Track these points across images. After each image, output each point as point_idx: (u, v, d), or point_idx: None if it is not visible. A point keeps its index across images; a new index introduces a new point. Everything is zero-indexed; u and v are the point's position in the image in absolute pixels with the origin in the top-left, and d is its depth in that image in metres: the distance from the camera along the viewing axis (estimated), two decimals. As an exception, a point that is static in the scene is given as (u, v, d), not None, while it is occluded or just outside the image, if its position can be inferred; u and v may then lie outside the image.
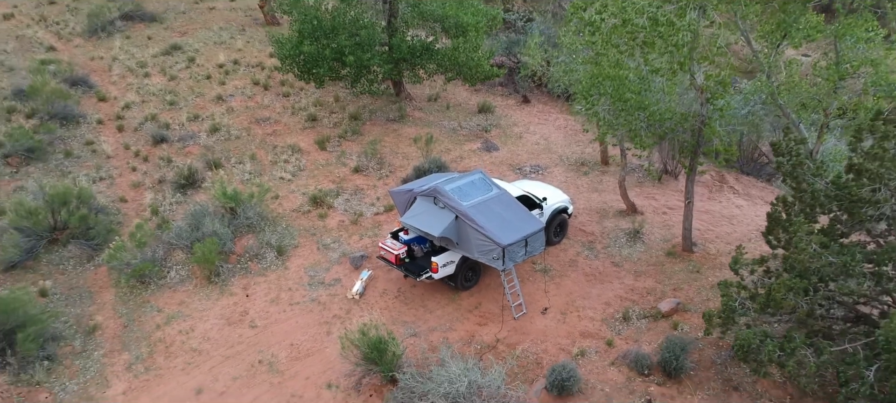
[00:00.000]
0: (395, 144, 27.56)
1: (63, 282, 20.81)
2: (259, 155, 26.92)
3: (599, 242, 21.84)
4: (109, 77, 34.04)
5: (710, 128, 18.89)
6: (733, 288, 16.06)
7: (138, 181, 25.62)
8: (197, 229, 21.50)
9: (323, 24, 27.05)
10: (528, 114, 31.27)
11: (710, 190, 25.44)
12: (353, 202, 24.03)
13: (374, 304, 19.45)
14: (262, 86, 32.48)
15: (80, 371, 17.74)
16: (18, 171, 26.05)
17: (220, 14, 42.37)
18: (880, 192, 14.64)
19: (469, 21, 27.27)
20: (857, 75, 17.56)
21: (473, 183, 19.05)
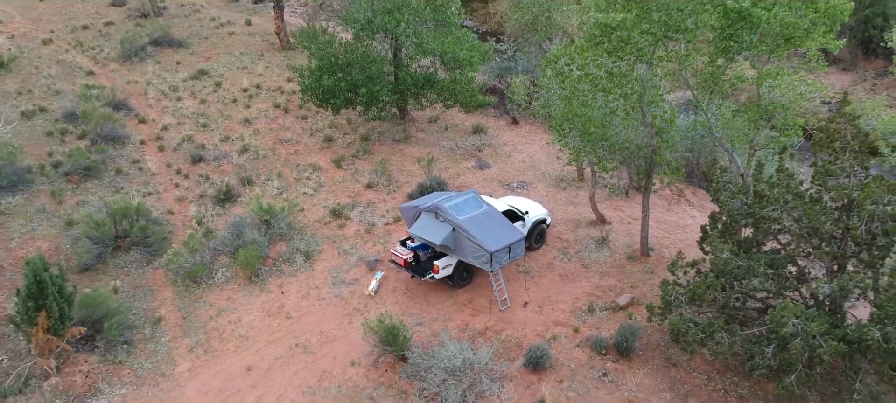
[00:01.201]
0: (401, 163, 31.97)
1: (129, 282, 25.20)
2: (284, 172, 31.32)
3: (572, 248, 26.25)
4: (146, 100, 38.41)
5: (660, 155, 23.36)
6: (671, 285, 20.50)
7: (182, 195, 30.02)
8: (238, 237, 25.91)
9: (339, 60, 31.44)
10: (516, 134, 35.68)
11: (669, 203, 29.87)
12: (366, 214, 28.45)
13: (387, 299, 23.87)
14: (282, 110, 36.88)
15: (151, 353, 22.14)
16: (78, 187, 30.41)
17: (240, 39, 46.73)
18: (779, 212, 19.06)
19: (464, 57, 31.67)
20: (774, 115, 21.95)
21: (467, 201, 23.48)
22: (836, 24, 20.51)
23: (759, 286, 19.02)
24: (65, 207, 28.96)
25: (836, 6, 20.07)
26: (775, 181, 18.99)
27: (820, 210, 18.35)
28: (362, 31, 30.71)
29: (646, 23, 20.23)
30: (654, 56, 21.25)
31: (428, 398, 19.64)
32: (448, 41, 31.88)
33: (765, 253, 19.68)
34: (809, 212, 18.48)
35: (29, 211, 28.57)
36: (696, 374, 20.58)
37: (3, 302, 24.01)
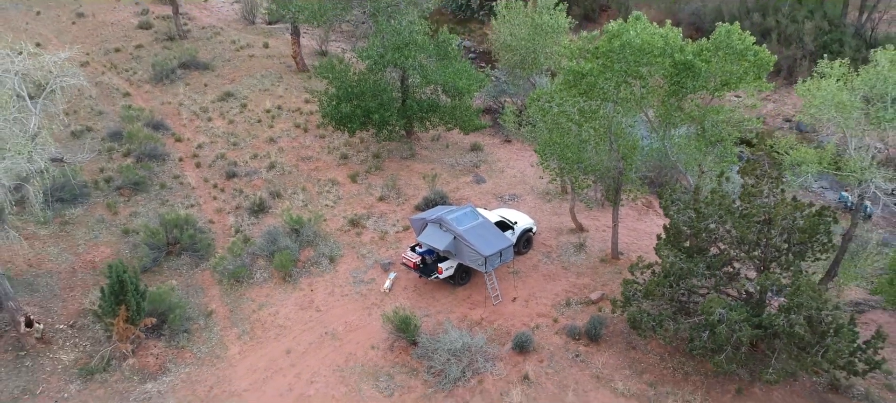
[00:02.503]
0: (408, 178, 36.81)
1: (181, 282, 30.05)
2: (308, 187, 36.18)
3: (555, 252, 31.12)
4: (180, 120, 43.24)
5: (626, 175, 28.25)
6: (630, 283, 25.35)
7: (220, 207, 34.87)
8: (273, 243, 30.77)
9: (354, 90, 36.29)
10: (508, 151, 40.54)
11: (639, 213, 34.74)
12: (380, 223, 33.30)
13: (399, 295, 28.74)
14: (302, 129, 41.72)
15: (207, 339, 27.00)
16: (129, 200, 35.24)
17: (259, 61, 51.55)
18: (715, 225, 23.92)
19: (463, 86, 36.50)
20: (716, 145, 26.80)
21: (466, 214, 28.36)
22: (764, 71, 25.37)
23: (698, 283, 23.90)
24: (120, 217, 33.81)
25: (762, 58, 24.94)
26: (709, 200, 23.84)
27: (746, 223, 23.21)
28: (375, 65, 35.52)
29: (609, 71, 25.09)
30: (617, 96, 26.11)
31: (434, 373, 24.51)
32: (449, 72, 36.68)
33: (705, 257, 24.53)
34: (738, 225, 23.35)
35: (90, 221, 33.43)
36: (651, 355, 25.44)
37: (80, 298, 28.85)
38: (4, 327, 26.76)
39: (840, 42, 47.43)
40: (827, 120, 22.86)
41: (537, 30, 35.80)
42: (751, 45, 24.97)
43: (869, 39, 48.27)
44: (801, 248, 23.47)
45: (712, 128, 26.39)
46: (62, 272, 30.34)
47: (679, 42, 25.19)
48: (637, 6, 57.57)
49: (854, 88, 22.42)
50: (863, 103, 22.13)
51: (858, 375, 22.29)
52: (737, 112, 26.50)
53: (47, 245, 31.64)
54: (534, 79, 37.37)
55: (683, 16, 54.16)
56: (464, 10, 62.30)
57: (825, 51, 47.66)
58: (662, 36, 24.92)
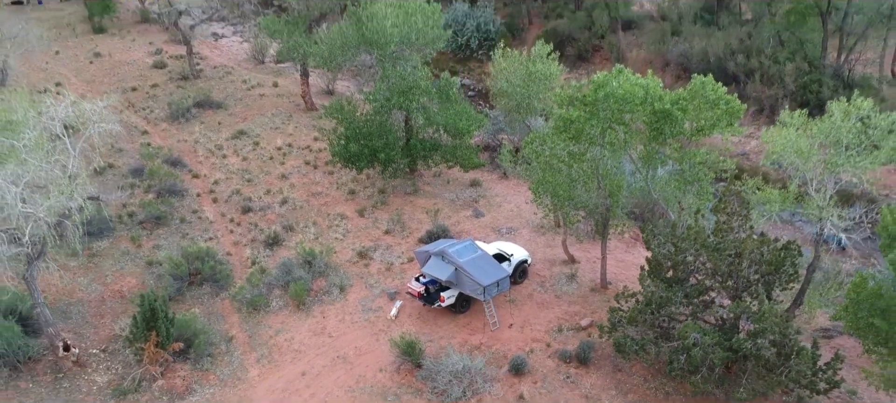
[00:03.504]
0: (412, 212, 39.39)
1: (203, 310, 32.53)
2: (318, 221, 38.76)
3: (548, 282, 33.62)
4: (196, 157, 45.93)
5: (613, 211, 30.85)
6: (616, 311, 27.84)
7: (237, 240, 37.43)
8: (288, 274, 33.29)
9: (361, 130, 39.02)
10: (506, 186, 43.17)
11: (627, 245, 37.29)
12: (386, 255, 35.84)
13: (405, 322, 31.22)
14: (312, 166, 44.39)
15: (228, 363, 29.44)
16: (152, 233, 37.80)
17: (269, 100, 54.34)
18: (692, 257, 26.46)
19: (463, 126, 39.21)
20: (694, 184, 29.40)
21: (466, 247, 30.94)
22: (735, 118, 28.05)
23: (677, 311, 26.41)
24: (143, 250, 36.34)
25: (733, 106, 27.66)
26: (686, 235, 26.41)
27: (719, 256, 25.76)
28: (382, 107, 38.25)
29: (595, 118, 27.79)
30: (603, 141, 28.78)
31: (437, 393, 26.95)
32: (450, 113, 39.40)
33: (684, 287, 27.04)
34: (712, 258, 25.92)
35: (115, 253, 35.97)
36: (636, 377, 27.88)
37: (110, 325, 31.35)
38: (43, 351, 29.21)
39: (819, 82, 50.16)
40: (788, 164, 25.48)
41: (531, 77, 38.62)
42: (723, 94, 27.66)
43: (846, 80, 51.04)
44: (770, 279, 26.07)
45: (690, 170, 28.99)
46: (92, 301, 32.82)
47: (658, 92, 27.89)
48: (628, 47, 60.62)
49: (812, 136, 25.08)
50: (819, 150, 24.76)
51: (820, 393, 24.75)
52: (712, 154, 29.11)
53: (77, 275, 34.14)
54: (528, 121, 40.10)
55: (672, 57, 57.08)
56: (464, 50, 65.25)
57: (805, 91, 50.52)
58: (643, 86, 27.62)
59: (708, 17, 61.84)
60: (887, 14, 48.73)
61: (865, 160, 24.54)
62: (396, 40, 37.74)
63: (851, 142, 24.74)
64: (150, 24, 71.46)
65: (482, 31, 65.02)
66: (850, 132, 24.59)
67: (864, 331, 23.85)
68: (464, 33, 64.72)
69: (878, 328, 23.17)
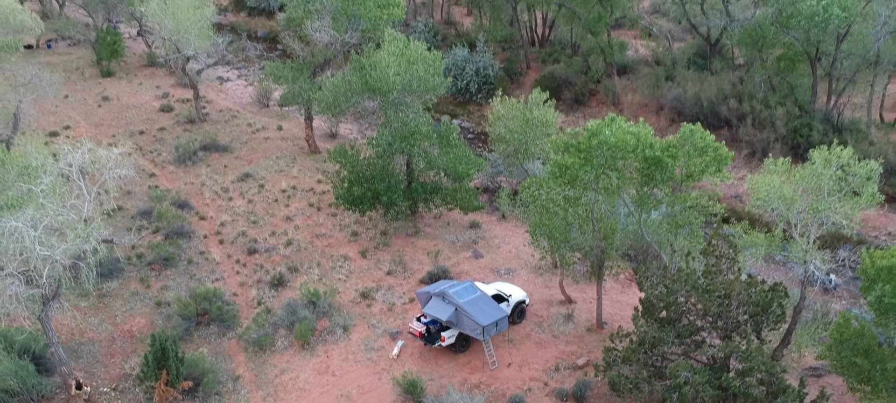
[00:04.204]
0: (413, 254, 40.50)
1: (211, 349, 33.49)
2: (322, 262, 39.85)
3: (546, 322, 34.62)
4: (203, 200, 47.14)
5: (607, 254, 31.98)
6: (611, 351, 28.83)
7: (243, 281, 38.50)
8: (293, 314, 34.31)
9: (365, 174, 40.30)
10: (504, 228, 44.32)
11: (623, 286, 38.34)
12: (388, 296, 36.88)
13: (407, 361, 32.17)
14: (315, 208, 45.58)
15: (235, 401, 30.34)
16: (160, 274, 38.87)
17: (274, 143, 55.72)
18: (681, 299, 27.54)
19: (463, 170, 40.48)
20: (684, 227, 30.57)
21: (466, 288, 32.03)
22: (723, 164, 29.30)
23: (669, 350, 27.42)
24: (152, 291, 37.40)
25: (721, 153, 28.93)
26: (677, 277, 27.52)
27: (708, 297, 26.84)
28: (384, 152, 39.56)
29: (588, 165, 29.05)
30: (597, 186, 30.00)
31: (438, 431, 27.88)
32: (450, 158, 40.68)
33: (676, 327, 28.06)
34: (701, 299, 27.00)
35: (125, 294, 37.03)
36: (630, 414, 28.80)
37: (120, 364, 32.32)
38: (56, 390, 30.17)
39: (809, 126, 51.56)
40: (772, 210, 26.68)
41: (528, 124, 40.01)
42: (711, 142, 28.96)
43: (836, 124, 52.47)
44: (759, 319, 27.14)
45: (681, 214, 30.18)
46: (103, 340, 33.82)
47: (649, 139, 29.18)
48: (624, 91, 62.20)
49: (795, 182, 26.30)
50: (802, 196, 25.98)
51: (807, 430, 25.70)
52: (702, 199, 30.32)
53: (88, 315, 35.16)
54: (526, 165, 41.40)
55: (666, 101, 58.58)
56: (463, 93, 66.83)
57: (796, 135, 51.89)
58: (634, 134, 28.90)
59: (701, 62, 63.52)
60: (873, 61, 50.23)
61: (846, 206, 25.74)
62: (399, 88, 39.17)
63: (832, 189, 25.96)
64: (156, 67, 73.24)
65: (481, 76, 66.63)
66: (831, 179, 25.83)
67: (848, 370, 24.87)
68: (463, 77, 66.32)
69: (860, 366, 24.20)
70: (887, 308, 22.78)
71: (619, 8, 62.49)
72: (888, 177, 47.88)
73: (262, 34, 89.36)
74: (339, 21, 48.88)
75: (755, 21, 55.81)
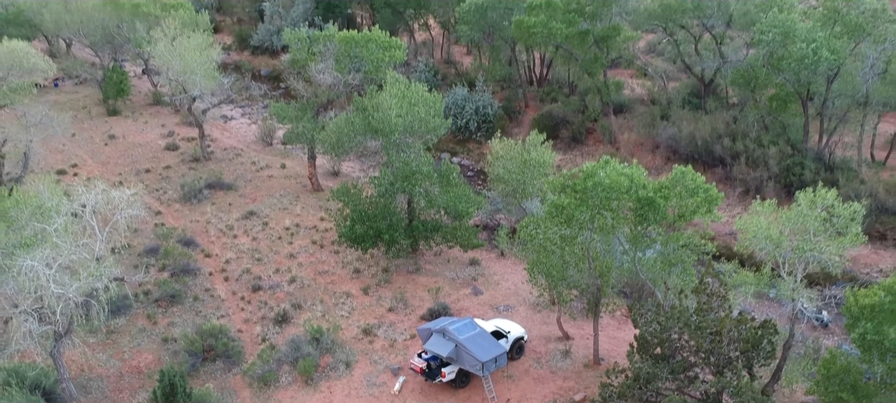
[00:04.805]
0: (414, 291, 41.41)
1: (217, 385, 34.30)
2: (325, 299, 40.75)
3: (543, 358, 35.45)
4: (208, 237, 48.13)
5: (603, 291, 32.93)
6: (607, 387, 29.66)
7: (248, 317, 39.37)
8: (296, 351, 35.16)
9: (367, 213, 41.37)
10: (503, 265, 45.27)
11: (619, 322, 39.20)
12: (389, 332, 37.75)
13: (408, 397, 32.97)
14: (318, 245, 46.56)
15: (241, 435, 31.12)
16: (167, 311, 39.77)
17: (278, 181, 56.81)
18: (674, 335, 28.44)
19: (463, 209, 41.57)
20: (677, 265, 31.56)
21: (466, 324, 32.96)
22: (714, 205, 30.37)
23: (663, 386, 28.26)
24: (159, 327, 38.29)
25: (711, 194, 30.01)
26: (670, 314, 28.45)
27: (700, 334, 27.75)
28: (386, 191, 40.67)
29: (584, 205, 30.12)
30: (592, 225, 31.05)
31: (439, 464, 28.62)
32: (451, 196, 41.78)
33: (670, 363, 28.93)
34: (694, 336, 27.91)
35: (132, 330, 37.92)
36: (626, 449, 29.52)
37: (128, 399, 33.12)
38: (66, 425, 30.94)
39: (801, 165, 52.67)
40: (760, 249, 27.70)
41: (526, 164, 41.19)
42: (701, 183, 30.06)
43: (827, 162, 53.62)
44: (750, 355, 28.04)
45: (673, 252, 31.19)
46: (111, 376, 34.65)
47: (642, 180, 30.28)
48: (620, 130, 63.47)
49: (782, 223, 27.35)
50: (789, 236, 27.03)
51: (797, 464, 26.48)
52: (694, 238, 31.34)
53: (97, 351, 36.00)
54: (524, 204, 42.50)
55: (661, 139, 59.77)
56: (463, 132, 68.03)
57: (789, 173, 52.99)
58: (628, 176, 30.02)
59: (695, 101, 64.84)
60: (862, 101, 51.52)
61: (831, 246, 26.77)
62: (400, 129, 40.42)
63: (817, 230, 26.99)
64: (161, 106, 74.57)
65: (480, 114, 67.93)
66: (816, 220, 26.87)
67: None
68: (463, 116, 67.60)
69: (847, 401, 25.03)
70: (870, 344, 23.71)
71: (615, 49, 63.97)
72: (879, 214, 49.05)
73: (265, 72, 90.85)
74: (343, 63, 50.33)
75: (747, 62, 57.23)
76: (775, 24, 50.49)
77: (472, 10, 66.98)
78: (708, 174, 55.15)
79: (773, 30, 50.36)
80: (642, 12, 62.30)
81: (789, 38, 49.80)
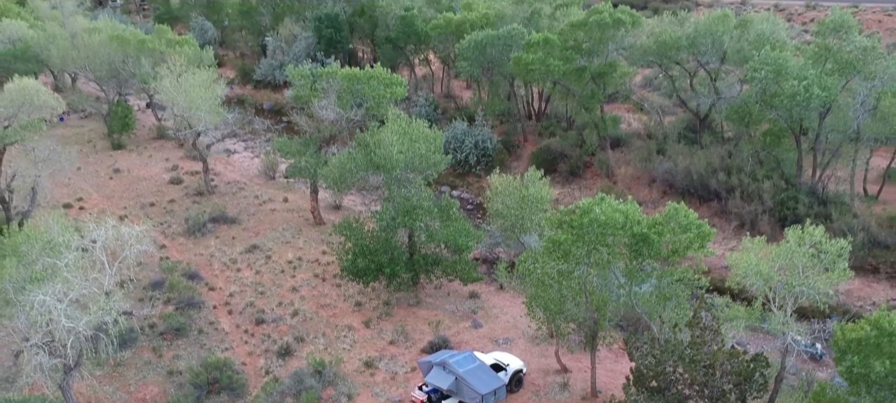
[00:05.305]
0: (414, 324, 42.15)
1: (221, 417, 34.96)
2: (327, 332, 41.49)
3: (542, 391, 36.13)
4: (212, 271, 48.95)
5: (600, 324, 33.72)
6: (603, 417, 30.38)
7: (251, 350, 40.08)
8: (299, 383, 35.83)
9: (369, 247, 42.24)
10: (502, 299, 46.03)
11: (616, 355, 39.88)
12: (390, 365, 38.44)
13: (409, 429, 33.63)
14: (321, 279, 47.36)
15: (245, 467, 31.73)
16: (172, 344, 40.47)
17: (280, 215, 57.74)
18: (669, 368, 29.17)
19: (463, 243, 42.45)
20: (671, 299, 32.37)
21: (466, 358, 33.69)
22: (706, 241, 31.24)
23: (658, 417, 28.97)
24: (164, 360, 38.98)
25: (704, 231, 30.90)
26: (664, 347, 29.22)
27: (694, 367, 28.49)
28: (388, 226, 41.59)
29: (580, 241, 31.01)
30: (588, 260, 31.91)
31: None
32: (451, 231, 42.68)
33: (665, 396, 29.63)
34: (688, 369, 28.64)
35: (138, 363, 38.57)
36: (623, 480, 30.14)
37: (134, 431, 33.73)
38: (73, 456, 31.52)
39: (795, 199, 53.60)
40: (751, 285, 28.56)
41: (524, 200, 42.15)
42: (694, 220, 30.96)
43: (821, 196, 54.57)
44: (743, 388, 28.77)
45: (668, 286, 32.01)
46: (117, 408, 35.29)
47: (637, 217, 31.18)
48: (617, 164, 64.52)
49: (771, 260, 28.23)
50: (778, 272, 27.90)
51: None
52: (688, 273, 32.18)
53: (104, 384, 36.66)
54: (523, 239, 43.39)
55: (658, 173, 60.78)
56: (463, 165, 69.09)
57: (783, 207, 53.88)
58: (623, 212, 30.92)
59: (691, 135, 65.93)
60: (853, 137, 52.59)
61: (819, 281, 27.62)
62: (402, 165, 41.44)
63: (806, 265, 27.85)
64: (165, 140, 75.79)
65: (480, 148, 69.05)
66: (804, 256, 27.74)
67: (826, 436, 26.40)
68: (463, 150, 68.71)
69: (836, 433, 25.74)
70: (857, 377, 24.48)
71: (612, 84, 65.24)
72: (871, 248, 49.93)
73: (267, 106, 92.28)
74: (345, 99, 51.53)
75: (741, 98, 58.40)
76: (768, 61, 51.69)
77: (472, 47, 68.35)
78: (704, 208, 56.31)
79: (766, 67, 51.55)
80: (638, 49, 63.60)
81: (781, 76, 50.97)
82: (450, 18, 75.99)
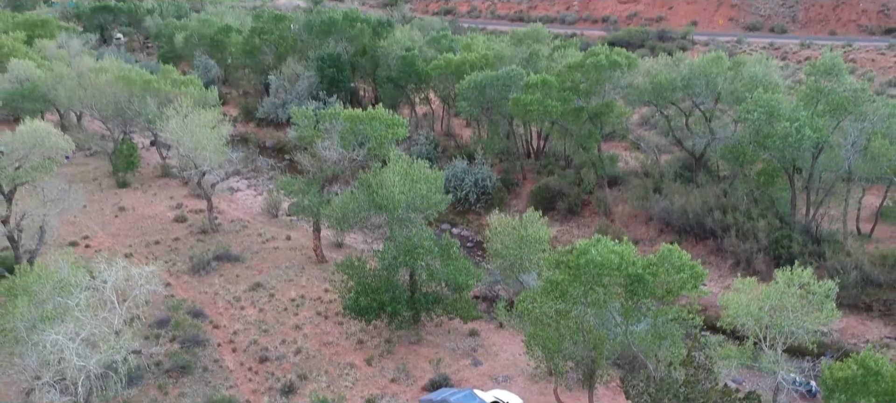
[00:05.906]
0: (415, 362, 42.89)
1: (226, 454, 35.60)
2: (330, 370, 42.20)
3: (541, 428, 36.86)
4: (216, 308, 49.74)
5: (598, 363, 34.51)
6: (600, 455, 31.07)
7: (255, 388, 40.78)
8: (303, 421, 36.54)
9: (371, 285, 43.15)
10: (502, 336, 46.81)
11: (614, 393, 40.58)
12: (392, 402, 39.15)
13: (410, 466, 34.29)
14: (323, 317, 48.16)
15: None
16: (177, 382, 41.16)
17: (283, 253, 58.66)
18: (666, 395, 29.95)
19: (463, 282, 43.36)
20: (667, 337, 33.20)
21: (466, 395, 34.43)
22: (700, 281, 32.17)
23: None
24: (169, 398, 39.64)
25: (697, 271, 31.85)
26: (659, 386, 30.01)
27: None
28: (389, 265, 42.53)
29: (577, 281, 31.95)
30: (585, 300, 32.81)
31: None
32: (451, 270, 43.60)
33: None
34: (683, 406, 29.43)
35: (144, 401, 39.25)
36: None
37: (141, 468, 34.35)
38: None
39: (789, 238, 54.58)
40: (742, 325, 29.46)
41: (523, 241, 43.16)
42: (687, 261, 31.91)
43: (815, 235, 55.56)
44: (735, 425, 29.51)
45: (663, 326, 32.88)
46: (124, 446, 35.93)
47: (632, 258, 32.12)
48: (615, 202, 65.61)
49: (762, 300, 29.16)
50: (769, 312, 28.83)
51: None
52: (683, 312, 33.06)
53: (110, 421, 37.33)
54: (521, 278, 44.31)
55: (655, 212, 61.84)
56: (462, 203, 70.21)
57: (777, 245, 54.84)
58: (618, 253, 31.86)
59: (687, 174, 67.09)
60: (845, 177, 53.72)
61: (807, 321, 28.52)
62: (403, 205, 42.47)
63: (795, 306, 28.79)
64: (170, 178, 76.95)
65: (480, 186, 70.22)
66: (794, 297, 28.68)
67: (817, 473, 27.09)
68: (463, 187, 69.86)
69: (826, 470, 26.46)
70: (845, 416, 25.31)
71: (609, 124, 66.56)
72: (865, 286, 50.82)
73: (270, 144, 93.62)
74: (347, 139, 52.74)
75: (735, 138, 59.62)
76: (760, 103, 53.02)
77: (472, 87, 69.82)
78: (700, 246, 57.29)
79: (759, 108, 52.87)
80: (635, 89, 65.02)
81: (774, 117, 52.26)
82: (450, 59, 77.62)
